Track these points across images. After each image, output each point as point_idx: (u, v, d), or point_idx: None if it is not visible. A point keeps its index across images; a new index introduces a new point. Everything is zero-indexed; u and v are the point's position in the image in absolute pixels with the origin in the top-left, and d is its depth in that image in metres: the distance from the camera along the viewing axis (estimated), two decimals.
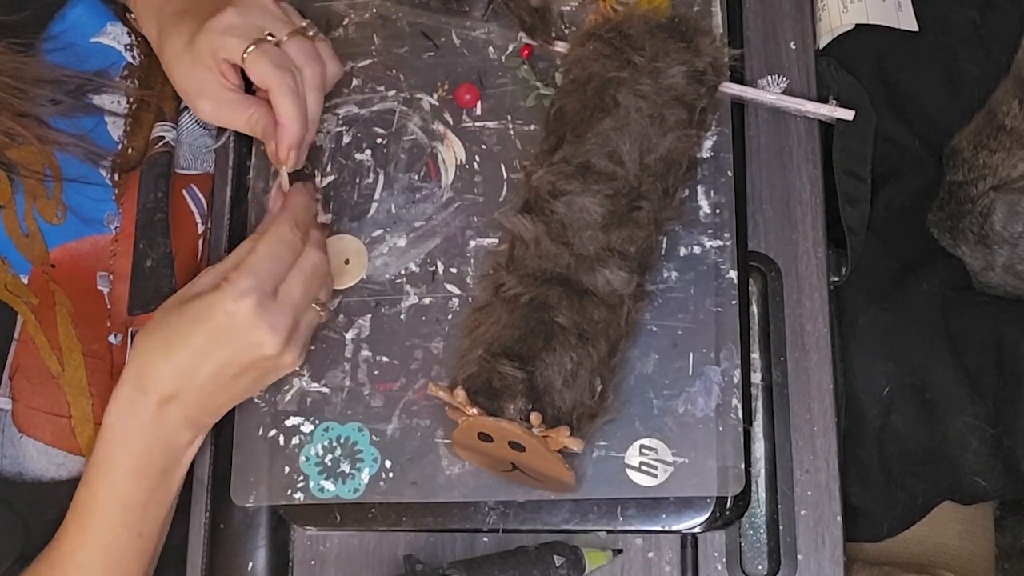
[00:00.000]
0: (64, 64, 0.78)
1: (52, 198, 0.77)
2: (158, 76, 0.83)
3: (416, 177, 0.81)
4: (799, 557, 0.76)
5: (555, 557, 0.72)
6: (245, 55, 0.73)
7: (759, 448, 0.77)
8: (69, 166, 0.78)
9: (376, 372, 0.77)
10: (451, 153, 0.81)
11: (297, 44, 0.76)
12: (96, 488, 0.72)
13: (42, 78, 0.76)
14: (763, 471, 0.77)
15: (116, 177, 0.80)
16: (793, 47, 0.83)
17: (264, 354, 0.70)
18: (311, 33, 0.78)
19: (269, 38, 0.74)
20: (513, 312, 0.70)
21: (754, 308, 0.79)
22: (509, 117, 0.81)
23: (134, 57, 0.82)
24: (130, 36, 0.83)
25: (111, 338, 0.79)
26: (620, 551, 0.77)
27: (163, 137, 0.82)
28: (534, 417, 0.66)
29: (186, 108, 0.85)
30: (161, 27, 0.77)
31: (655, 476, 0.72)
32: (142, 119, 0.81)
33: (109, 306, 0.79)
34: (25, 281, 0.76)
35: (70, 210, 0.78)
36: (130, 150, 0.81)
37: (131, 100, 0.81)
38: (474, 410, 0.67)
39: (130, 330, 0.79)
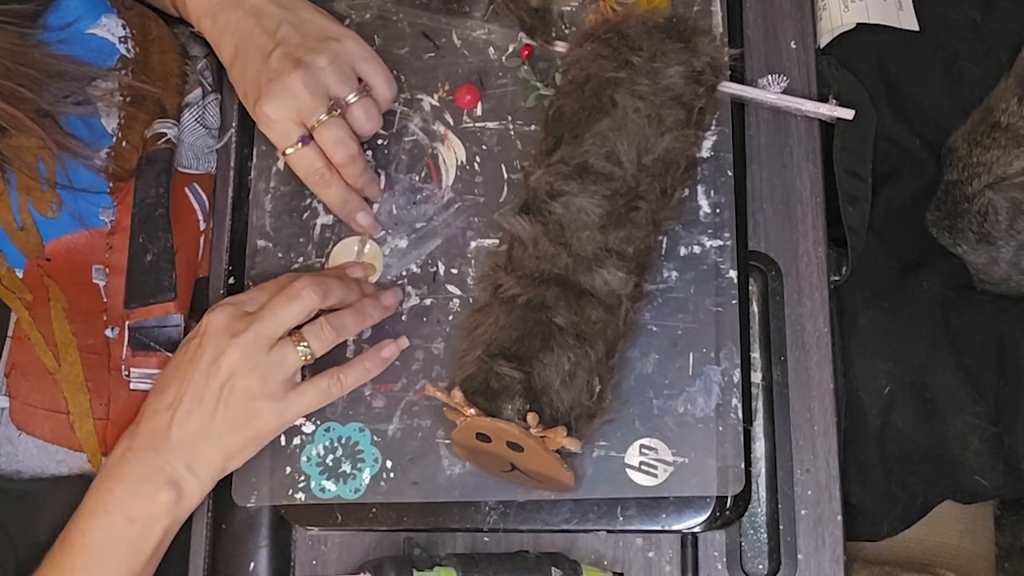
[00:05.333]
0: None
1: (46, 191, 0.77)
2: (159, 72, 0.83)
3: (417, 178, 0.81)
4: (799, 556, 0.76)
5: (553, 568, 0.73)
6: (317, 122, 0.76)
7: (759, 448, 0.77)
8: (63, 159, 0.78)
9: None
10: (452, 154, 0.81)
11: (361, 107, 0.78)
12: (72, 520, 0.73)
13: (61, 72, 0.76)
14: (763, 471, 0.77)
15: (111, 170, 0.80)
16: (793, 46, 0.83)
17: (228, 362, 0.71)
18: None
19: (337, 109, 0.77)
20: (511, 313, 0.70)
21: (754, 308, 0.79)
22: (509, 118, 0.81)
23: (128, 50, 0.81)
24: (124, 28, 0.82)
25: (108, 332, 0.79)
26: (621, 575, 0.77)
27: (165, 134, 0.82)
28: (531, 417, 0.66)
29: (187, 106, 0.85)
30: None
31: (655, 476, 0.72)
32: (137, 113, 0.81)
33: (105, 299, 0.79)
34: (20, 275, 0.76)
35: (65, 203, 0.78)
36: (124, 143, 0.80)
37: (125, 93, 0.81)
38: (472, 411, 0.68)
39: (127, 323, 0.79)
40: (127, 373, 0.79)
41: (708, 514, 0.71)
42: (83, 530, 0.73)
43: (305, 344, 0.73)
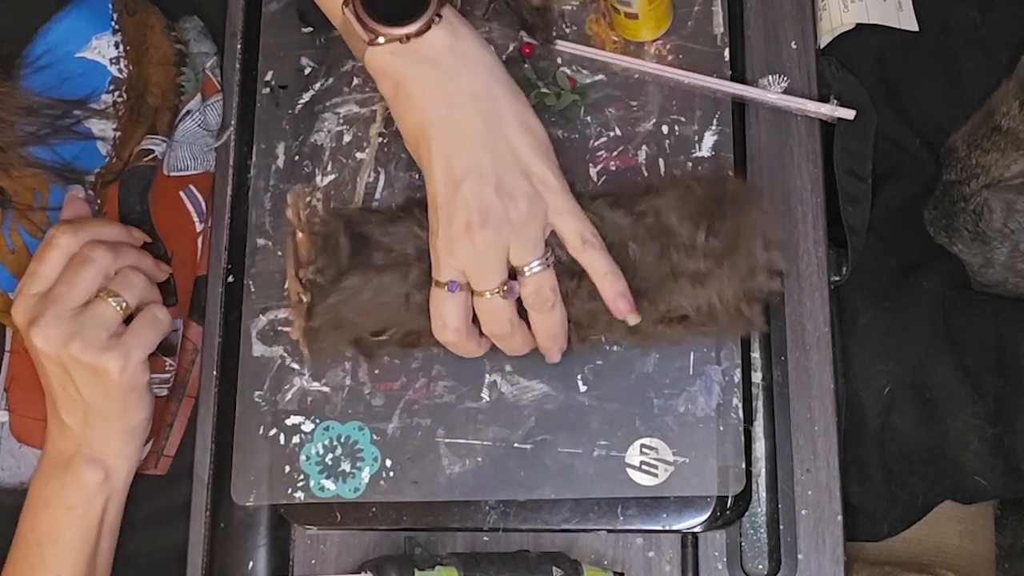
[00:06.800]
0: (46, 85, 0.75)
1: (36, 215, 0.77)
2: (155, 89, 0.81)
3: (417, 176, 0.81)
4: (799, 556, 0.76)
5: (554, 568, 0.72)
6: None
7: (759, 447, 0.77)
8: (56, 189, 0.77)
9: (376, 371, 0.77)
10: None
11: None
12: (21, 518, 0.75)
13: (28, 108, 0.74)
14: (763, 470, 0.77)
15: (98, 187, 0.79)
16: (794, 46, 0.83)
17: (45, 348, 0.70)
18: None
19: None
20: None
21: None
22: None
23: (120, 70, 0.79)
24: (118, 47, 0.80)
25: None
26: (621, 574, 0.77)
27: (152, 151, 0.80)
28: None
29: (188, 114, 0.84)
30: None
31: (656, 475, 0.72)
32: (131, 131, 0.80)
33: None
34: (12, 297, 0.76)
35: (53, 223, 0.77)
36: (114, 159, 0.79)
37: (120, 114, 0.80)
38: None
39: None
40: None
41: (708, 514, 0.71)
42: (32, 526, 0.73)
43: (117, 296, 0.72)
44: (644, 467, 0.72)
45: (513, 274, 0.69)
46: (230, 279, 0.83)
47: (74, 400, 0.72)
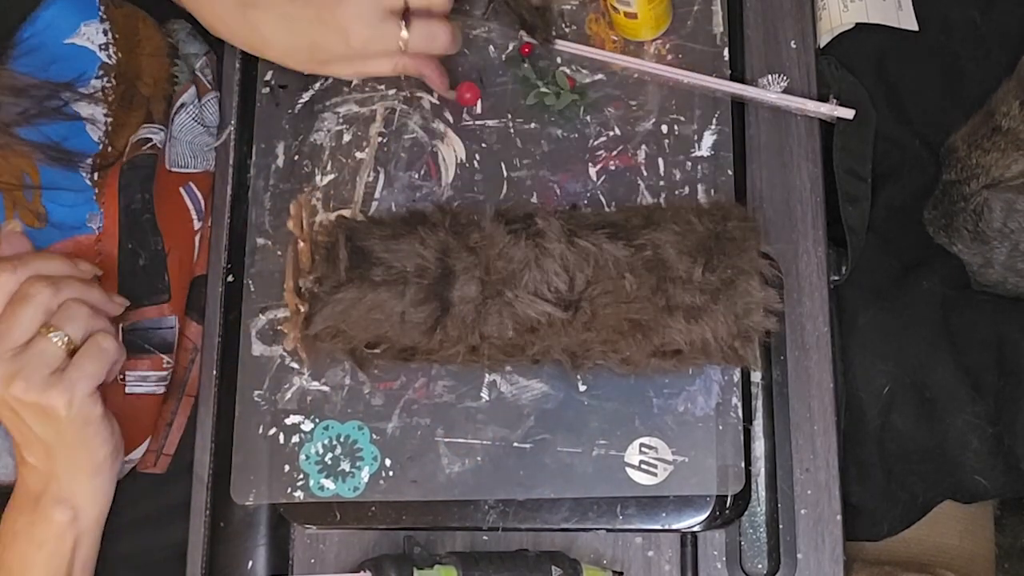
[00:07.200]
0: (33, 68, 0.75)
1: (32, 203, 0.77)
2: (147, 76, 0.81)
3: (416, 176, 0.81)
4: (799, 556, 0.76)
5: (553, 567, 0.72)
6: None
7: (759, 447, 0.77)
8: (48, 171, 0.77)
9: (376, 371, 0.77)
10: (451, 152, 0.81)
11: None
12: None
13: (15, 88, 0.73)
14: (763, 470, 0.77)
15: (95, 177, 0.79)
16: (794, 46, 0.83)
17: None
18: None
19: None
20: None
21: None
22: (509, 116, 0.81)
23: (109, 56, 0.79)
24: (106, 34, 0.80)
25: None
26: (620, 574, 0.77)
27: (150, 139, 0.81)
28: None
29: (183, 107, 0.84)
30: None
31: (655, 475, 0.72)
32: (125, 118, 0.80)
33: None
34: None
35: (51, 213, 0.77)
36: (110, 148, 0.79)
37: (110, 100, 0.80)
38: None
39: (121, 326, 0.79)
40: (122, 377, 0.79)
41: (708, 513, 0.71)
42: (0, 561, 0.73)
43: (58, 331, 0.70)
44: (643, 466, 0.72)
45: None
46: (230, 279, 0.83)
47: (31, 441, 0.71)
